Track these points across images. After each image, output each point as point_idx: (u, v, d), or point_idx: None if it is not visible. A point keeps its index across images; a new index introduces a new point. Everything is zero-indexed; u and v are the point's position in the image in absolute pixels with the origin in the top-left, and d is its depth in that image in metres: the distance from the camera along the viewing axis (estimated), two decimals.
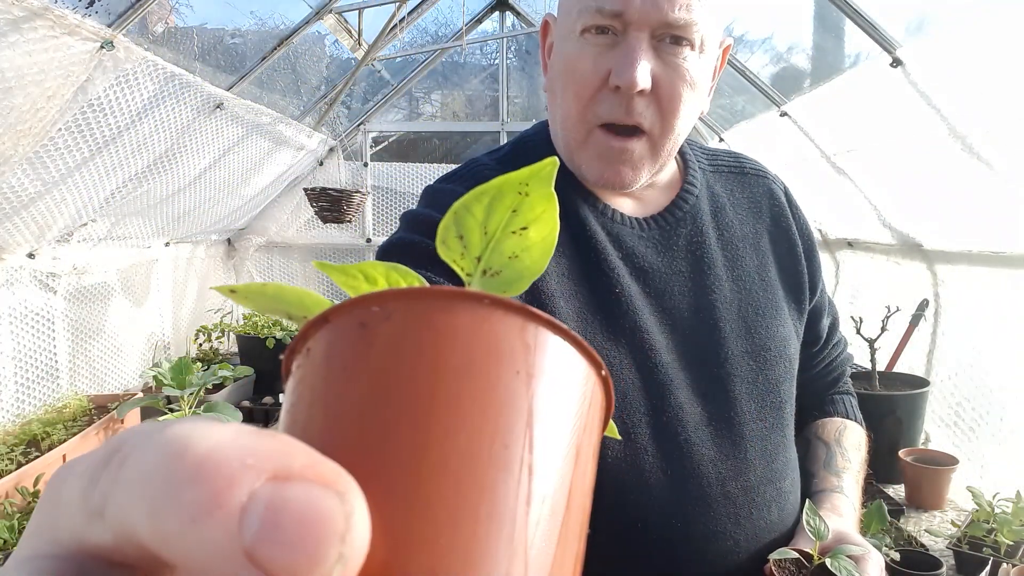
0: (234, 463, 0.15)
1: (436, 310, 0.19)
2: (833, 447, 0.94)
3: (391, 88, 4.10)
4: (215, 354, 3.30)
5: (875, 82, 2.07)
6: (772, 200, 0.93)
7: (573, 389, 0.20)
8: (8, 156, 1.75)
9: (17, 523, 1.50)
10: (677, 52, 0.73)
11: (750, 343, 0.83)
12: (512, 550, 0.17)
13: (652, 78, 0.73)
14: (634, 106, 0.74)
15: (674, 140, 0.78)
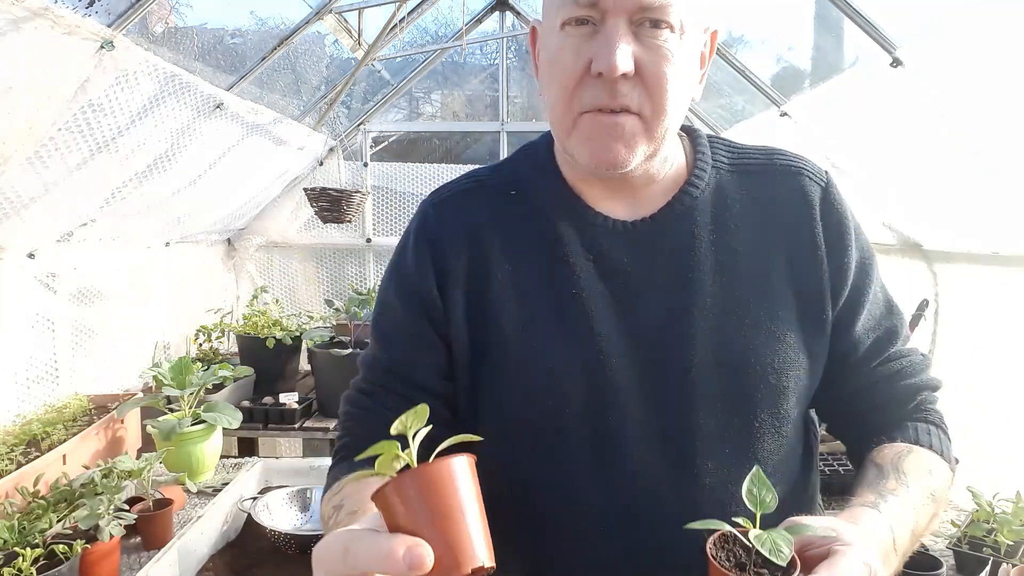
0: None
1: (422, 474, 0.51)
2: (887, 468, 0.77)
3: (391, 88, 4.10)
4: (215, 354, 3.29)
5: (875, 82, 2.07)
6: (801, 199, 0.85)
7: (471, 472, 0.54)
8: (8, 156, 1.75)
9: (17, 523, 1.50)
10: (657, 35, 0.74)
11: (724, 354, 0.79)
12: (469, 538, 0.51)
13: (635, 61, 0.74)
14: (619, 89, 0.74)
15: (667, 122, 0.78)
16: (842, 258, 0.84)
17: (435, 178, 4.23)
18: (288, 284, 4.27)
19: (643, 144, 0.78)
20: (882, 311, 0.89)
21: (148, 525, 1.71)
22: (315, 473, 2.08)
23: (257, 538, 1.74)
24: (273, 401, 2.93)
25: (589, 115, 0.77)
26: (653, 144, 0.79)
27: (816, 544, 0.60)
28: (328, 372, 3.00)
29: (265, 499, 1.79)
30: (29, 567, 1.34)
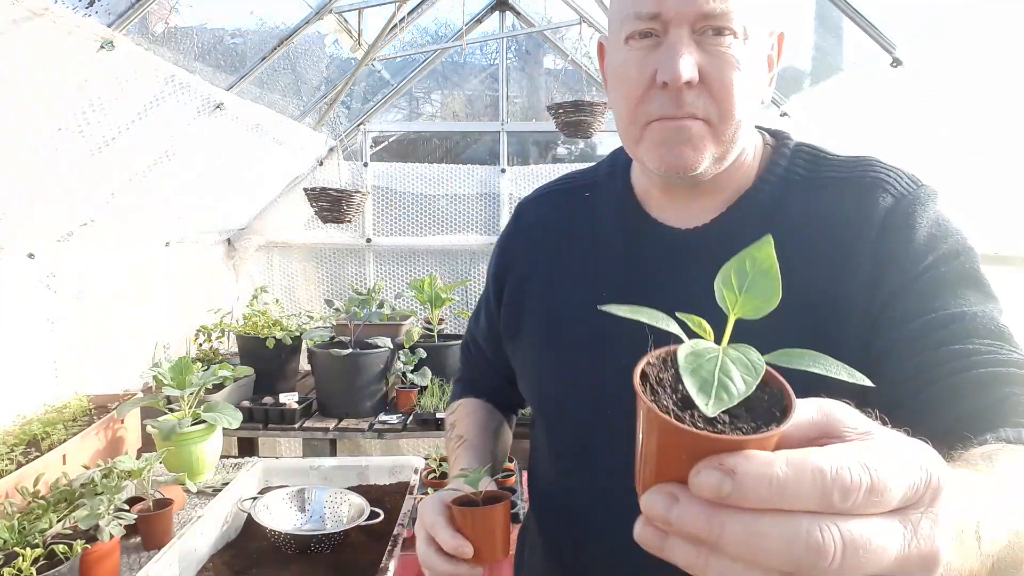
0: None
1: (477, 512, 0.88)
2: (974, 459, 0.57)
3: (391, 88, 4.10)
4: (215, 354, 3.29)
5: (875, 82, 2.07)
6: (865, 214, 0.78)
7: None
8: (8, 156, 1.75)
9: (17, 523, 1.50)
10: (720, 42, 0.75)
11: None
12: None
13: (699, 69, 0.75)
14: (684, 98, 0.75)
15: (735, 126, 0.78)
16: (877, 271, 0.76)
17: (435, 178, 4.23)
18: (288, 284, 4.27)
19: (711, 147, 0.78)
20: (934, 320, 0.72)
21: (148, 525, 1.71)
22: (315, 473, 2.08)
23: (257, 538, 1.74)
24: (273, 401, 2.93)
25: (657, 122, 0.78)
26: (721, 147, 0.79)
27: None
28: (328, 372, 3.00)
29: (265, 499, 1.79)
30: (29, 567, 1.34)
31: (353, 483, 2.05)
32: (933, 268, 0.74)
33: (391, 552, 1.57)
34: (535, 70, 4.42)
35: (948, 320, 0.70)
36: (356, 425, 2.90)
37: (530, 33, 4.06)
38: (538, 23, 3.97)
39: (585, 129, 3.18)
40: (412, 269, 4.32)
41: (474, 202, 4.28)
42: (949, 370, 0.67)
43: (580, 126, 3.17)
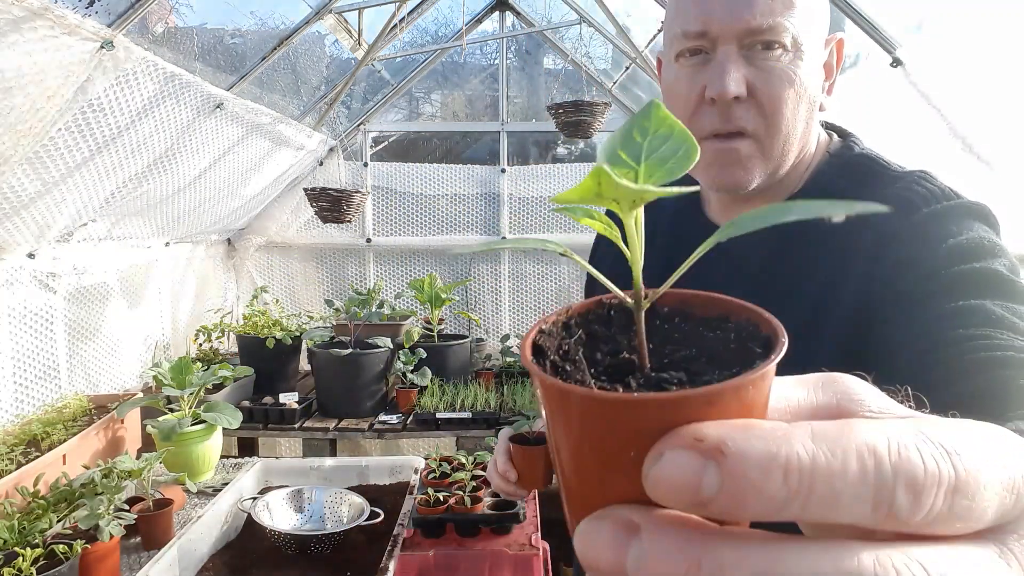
0: None
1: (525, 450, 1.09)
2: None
3: (391, 88, 4.10)
4: (215, 354, 3.30)
5: (875, 82, 2.07)
6: (878, 227, 0.75)
7: None
8: (8, 156, 1.75)
9: (17, 523, 1.50)
10: (769, 56, 0.75)
11: None
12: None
13: (748, 84, 0.76)
14: (733, 113, 0.76)
15: (784, 139, 0.78)
16: (892, 276, 0.72)
17: (435, 178, 4.23)
18: (288, 284, 4.27)
19: (760, 165, 0.80)
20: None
21: (148, 525, 1.71)
22: (315, 473, 2.08)
23: (257, 538, 1.74)
24: (273, 401, 2.93)
25: (707, 142, 0.78)
26: (771, 163, 0.80)
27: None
28: (328, 372, 3.00)
29: (265, 499, 1.79)
30: (29, 567, 1.34)
31: (353, 483, 2.05)
32: (957, 267, 0.70)
33: (391, 552, 1.57)
34: (535, 70, 4.42)
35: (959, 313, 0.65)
36: (356, 425, 2.90)
37: (530, 33, 4.06)
38: (538, 23, 3.97)
39: (585, 129, 3.18)
40: (412, 269, 4.32)
41: (474, 202, 4.28)
42: (957, 351, 0.62)
43: (580, 126, 3.17)
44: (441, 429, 2.87)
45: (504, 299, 4.34)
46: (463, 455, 2.06)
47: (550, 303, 4.34)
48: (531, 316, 4.35)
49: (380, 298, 3.45)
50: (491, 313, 4.33)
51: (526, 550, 1.71)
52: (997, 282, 0.68)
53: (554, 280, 4.34)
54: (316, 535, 1.66)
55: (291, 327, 3.26)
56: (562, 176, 4.21)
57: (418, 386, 3.07)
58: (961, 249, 0.71)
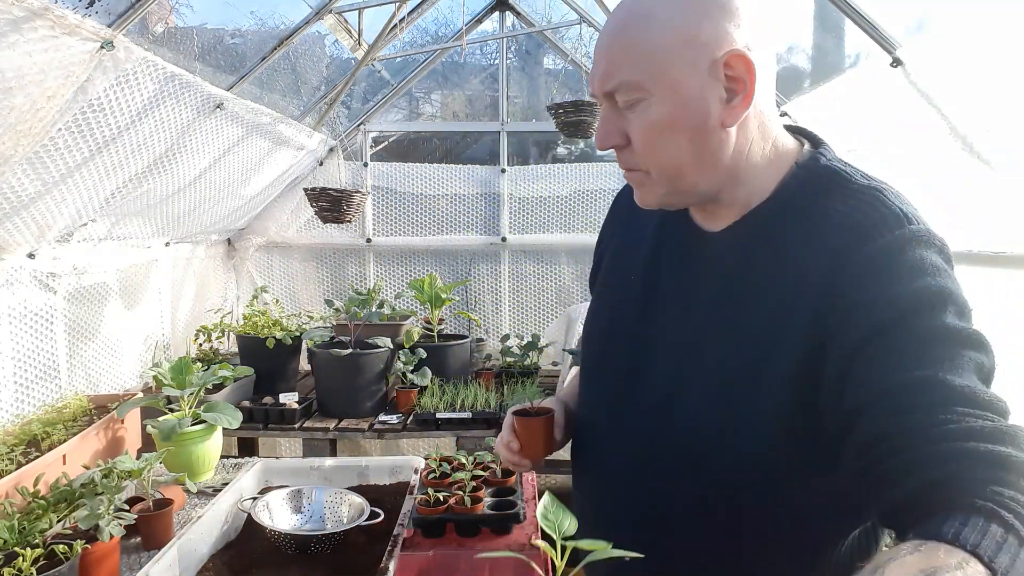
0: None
1: (526, 421, 1.14)
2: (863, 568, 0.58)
3: (391, 88, 4.10)
4: (215, 354, 3.30)
5: (875, 82, 2.07)
6: (832, 249, 0.79)
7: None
8: (8, 156, 1.75)
9: (17, 523, 1.50)
10: (633, 108, 0.83)
11: (695, 363, 0.88)
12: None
13: (624, 134, 0.85)
14: (621, 156, 0.88)
15: (673, 169, 0.85)
16: (852, 316, 0.75)
17: (435, 178, 4.23)
18: (288, 284, 4.27)
19: (658, 189, 0.88)
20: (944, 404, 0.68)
21: (148, 525, 1.71)
22: (315, 473, 2.08)
23: (257, 538, 1.74)
24: (273, 401, 2.93)
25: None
26: (673, 185, 0.87)
27: None
28: (328, 372, 3.00)
29: (265, 499, 1.79)
30: (29, 567, 1.34)
31: (353, 483, 2.05)
32: (910, 320, 0.73)
33: (391, 552, 1.57)
34: (535, 70, 4.42)
35: (918, 387, 0.68)
36: (356, 425, 2.90)
37: (530, 33, 4.06)
38: (538, 23, 3.97)
39: (585, 129, 3.18)
40: (412, 269, 4.32)
41: (474, 202, 4.28)
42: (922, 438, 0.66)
43: (580, 126, 3.17)
44: (441, 429, 2.87)
45: (504, 299, 4.34)
46: (463, 455, 2.06)
47: (550, 303, 4.34)
48: (531, 316, 4.35)
49: (380, 298, 3.45)
50: (491, 313, 4.33)
51: (526, 550, 1.71)
52: (945, 338, 0.72)
53: (554, 280, 4.34)
54: (316, 535, 1.66)
55: (291, 327, 3.26)
56: (562, 176, 4.21)
57: (418, 386, 3.07)
58: (912, 299, 0.73)
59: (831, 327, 0.76)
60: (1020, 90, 1.62)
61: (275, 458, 2.51)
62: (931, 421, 0.66)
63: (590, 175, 4.16)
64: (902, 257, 0.75)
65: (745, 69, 0.80)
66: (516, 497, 1.86)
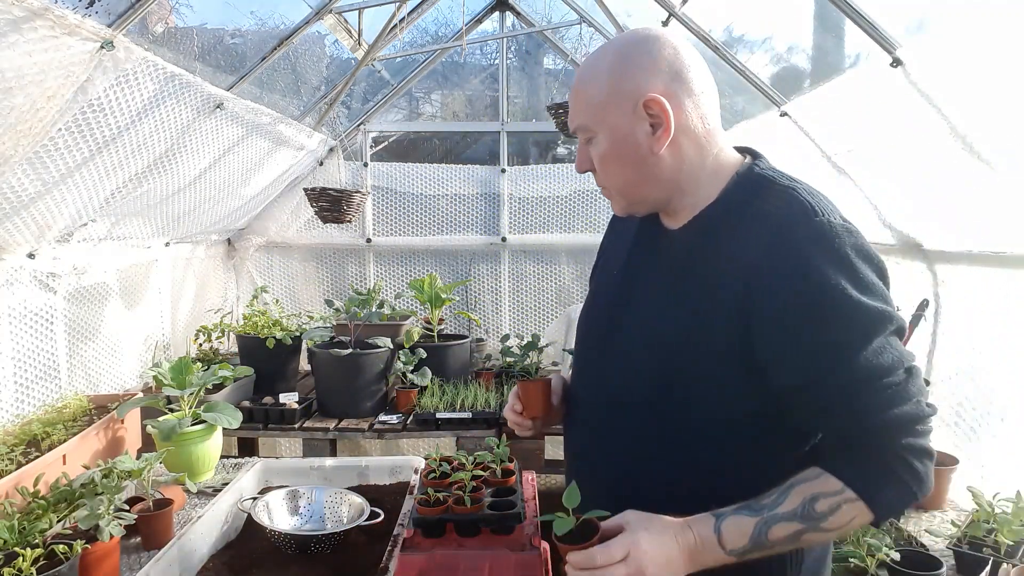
0: None
1: (527, 385, 1.32)
2: (782, 486, 0.97)
3: (391, 88, 4.10)
4: (215, 354, 3.30)
5: (875, 82, 2.07)
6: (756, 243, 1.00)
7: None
8: (8, 156, 1.75)
9: (17, 523, 1.50)
10: (591, 142, 1.10)
11: (653, 332, 1.10)
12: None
13: (590, 162, 1.11)
14: (594, 178, 1.14)
15: (625, 186, 1.11)
16: (770, 302, 0.97)
17: (435, 178, 4.23)
18: (288, 284, 4.27)
19: (622, 201, 1.14)
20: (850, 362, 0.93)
21: (148, 525, 1.71)
22: (315, 473, 2.08)
23: (257, 538, 1.74)
24: (273, 401, 2.93)
25: None
26: (631, 199, 1.13)
27: (614, 527, 0.98)
28: (328, 372, 3.00)
29: (265, 499, 1.79)
30: (29, 567, 1.34)
31: (353, 483, 2.05)
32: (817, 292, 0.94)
33: (391, 552, 1.57)
34: (535, 70, 4.42)
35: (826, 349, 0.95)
36: (356, 425, 2.90)
37: (530, 33, 4.06)
38: (538, 23, 3.97)
39: None
40: (412, 269, 4.32)
41: (474, 202, 4.28)
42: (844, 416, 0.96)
43: None
44: (441, 429, 2.87)
45: (504, 299, 4.34)
46: (463, 455, 2.06)
47: (550, 303, 4.34)
48: (531, 316, 4.35)
49: (380, 298, 3.45)
50: (491, 313, 4.33)
51: (526, 550, 1.71)
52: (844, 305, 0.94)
53: (554, 280, 4.34)
54: (316, 535, 1.66)
55: (291, 327, 3.26)
56: (562, 176, 4.21)
57: (418, 386, 3.07)
58: (818, 276, 0.95)
59: (755, 299, 0.97)
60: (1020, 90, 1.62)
61: (275, 458, 2.51)
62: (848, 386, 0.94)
63: (590, 175, 4.16)
64: (813, 247, 0.96)
65: (660, 108, 1.02)
66: (516, 497, 1.86)
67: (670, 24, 2.96)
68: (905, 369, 0.94)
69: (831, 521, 0.94)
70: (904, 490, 0.93)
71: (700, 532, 0.96)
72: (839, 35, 2.32)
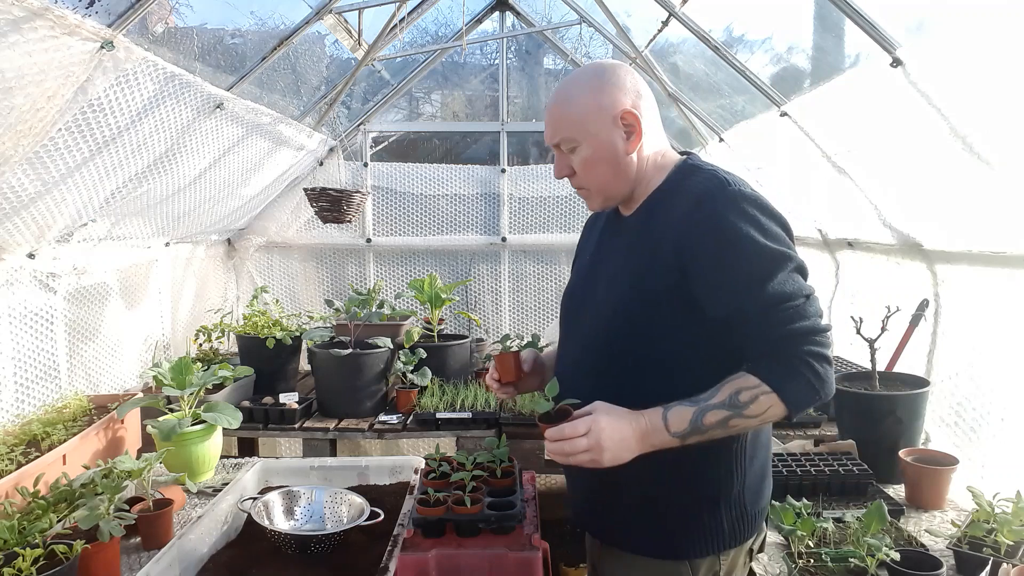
0: None
1: (500, 356, 1.60)
2: (717, 385, 1.23)
3: (391, 88, 4.10)
4: (215, 354, 3.30)
5: (875, 82, 2.07)
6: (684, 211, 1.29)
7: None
8: (8, 156, 1.75)
9: (17, 523, 1.50)
10: (574, 151, 1.37)
11: (616, 291, 1.37)
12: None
13: (570, 168, 1.39)
14: (572, 182, 1.42)
15: (603, 184, 1.38)
16: (697, 251, 1.25)
17: (435, 178, 4.24)
18: (288, 284, 4.27)
19: (597, 197, 1.42)
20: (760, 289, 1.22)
21: (148, 525, 1.71)
22: (315, 473, 2.09)
23: (257, 538, 1.74)
24: (273, 401, 2.93)
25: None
26: (606, 193, 1.40)
27: (584, 412, 1.23)
28: (328, 372, 3.00)
29: (265, 499, 1.79)
30: (29, 567, 1.34)
31: (353, 483, 2.05)
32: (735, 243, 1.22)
33: (391, 552, 1.58)
34: (535, 70, 4.42)
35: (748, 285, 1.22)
36: (356, 425, 2.90)
37: (530, 33, 4.06)
38: (538, 23, 3.97)
39: None
40: (412, 269, 4.32)
41: (474, 202, 4.28)
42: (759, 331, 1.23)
43: None
44: (441, 429, 2.87)
45: (504, 299, 4.34)
46: (463, 455, 2.06)
47: (550, 303, 4.34)
48: (531, 316, 4.35)
49: (380, 298, 3.45)
50: (491, 313, 4.33)
51: (526, 550, 1.71)
52: (759, 252, 1.22)
53: (554, 280, 4.34)
54: (316, 535, 1.66)
55: (291, 327, 3.26)
56: None
57: (418, 386, 3.07)
58: (734, 231, 1.23)
59: (689, 257, 1.26)
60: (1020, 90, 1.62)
61: (275, 458, 2.51)
62: (761, 309, 1.21)
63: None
64: (726, 206, 1.24)
65: (633, 119, 1.33)
66: (516, 497, 1.86)
67: (670, 23, 2.97)
68: (804, 296, 1.22)
69: (751, 409, 1.20)
70: (807, 386, 1.19)
71: (650, 419, 1.22)
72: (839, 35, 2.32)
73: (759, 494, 1.37)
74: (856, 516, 1.71)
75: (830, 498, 1.96)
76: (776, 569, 1.61)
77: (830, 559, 1.56)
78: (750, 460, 1.33)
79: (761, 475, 1.38)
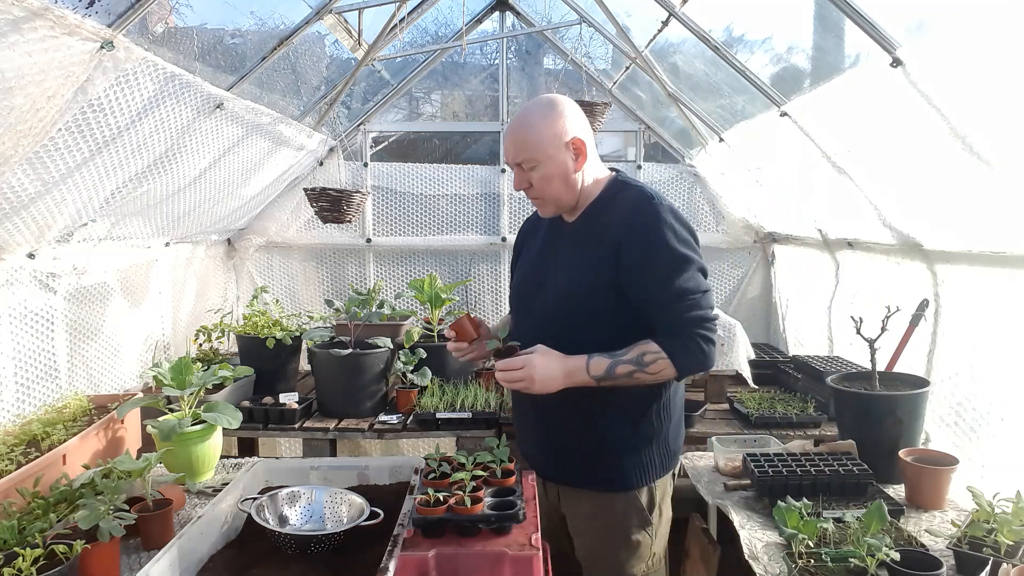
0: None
1: (459, 320, 2.00)
2: (630, 347, 1.68)
3: (391, 88, 4.10)
4: (215, 354, 3.29)
5: (875, 82, 2.07)
6: (620, 220, 1.73)
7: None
8: (8, 156, 1.75)
9: (17, 523, 1.50)
10: (534, 169, 1.75)
11: (565, 282, 1.79)
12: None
13: (528, 182, 1.77)
14: (528, 193, 1.81)
15: (555, 196, 1.78)
16: (629, 250, 1.68)
17: (435, 178, 4.23)
18: (288, 284, 4.27)
19: (549, 206, 1.82)
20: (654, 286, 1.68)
21: (148, 525, 1.71)
22: (315, 473, 2.08)
23: (257, 538, 1.74)
24: (273, 401, 2.93)
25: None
26: (557, 203, 1.80)
27: (528, 350, 1.68)
28: (328, 372, 3.00)
29: (265, 499, 1.79)
30: (29, 567, 1.34)
31: (353, 483, 2.05)
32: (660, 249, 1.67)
33: (391, 552, 1.57)
34: (535, 70, 4.42)
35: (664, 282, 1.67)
36: (356, 425, 2.90)
37: (530, 33, 4.06)
38: (538, 23, 3.97)
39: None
40: (412, 269, 4.32)
41: (474, 202, 4.28)
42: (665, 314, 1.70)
43: None
44: (441, 429, 2.87)
45: (504, 299, 4.34)
46: (463, 455, 2.06)
47: None
48: None
49: (380, 298, 3.45)
50: (491, 313, 4.33)
51: (526, 550, 1.71)
52: (677, 258, 1.67)
53: None
54: (316, 535, 1.65)
55: (291, 327, 3.26)
56: None
57: (418, 386, 3.07)
58: (658, 239, 1.67)
59: (623, 254, 1.68)
60: (1020, 90, 1.62)
61: (275, 458, 2.51)
62: (668, 299, 1.67)
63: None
64: (655, 216, 1.68)
65: (581, 144, 1.74)
66: (516, 497, 1.86)
67: (670, 23, 2.97)
68: (702, 291, 1.68)
69: (651, 368, 1.66)
70: (694, 358, 1.67)
71: (577, 362, 1.66)
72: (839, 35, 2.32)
73: (678, 436, 1.89)
74: (856, 516, 1.70)
75: (830, 498, 1.96)
76: (776, 569, 1.61)
77: (830, 559, 1.56)
78: (673, 409, 1.84)
79: (679, 422, 1.90)
